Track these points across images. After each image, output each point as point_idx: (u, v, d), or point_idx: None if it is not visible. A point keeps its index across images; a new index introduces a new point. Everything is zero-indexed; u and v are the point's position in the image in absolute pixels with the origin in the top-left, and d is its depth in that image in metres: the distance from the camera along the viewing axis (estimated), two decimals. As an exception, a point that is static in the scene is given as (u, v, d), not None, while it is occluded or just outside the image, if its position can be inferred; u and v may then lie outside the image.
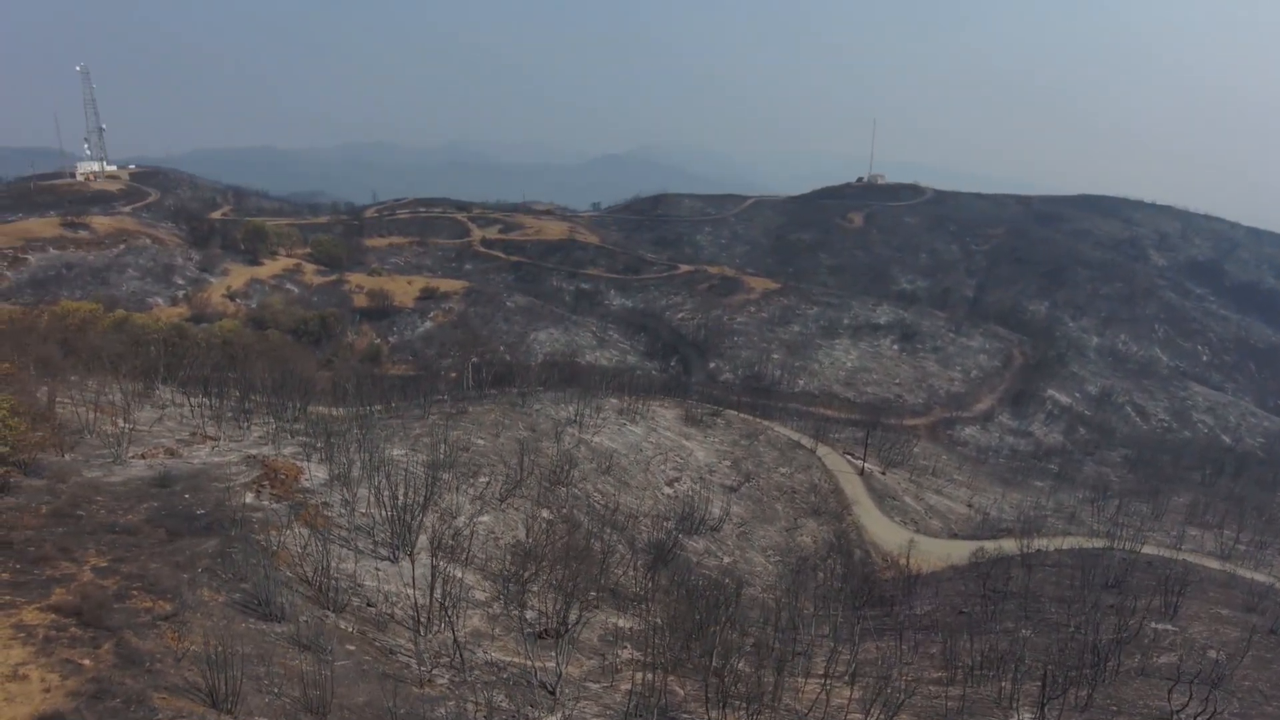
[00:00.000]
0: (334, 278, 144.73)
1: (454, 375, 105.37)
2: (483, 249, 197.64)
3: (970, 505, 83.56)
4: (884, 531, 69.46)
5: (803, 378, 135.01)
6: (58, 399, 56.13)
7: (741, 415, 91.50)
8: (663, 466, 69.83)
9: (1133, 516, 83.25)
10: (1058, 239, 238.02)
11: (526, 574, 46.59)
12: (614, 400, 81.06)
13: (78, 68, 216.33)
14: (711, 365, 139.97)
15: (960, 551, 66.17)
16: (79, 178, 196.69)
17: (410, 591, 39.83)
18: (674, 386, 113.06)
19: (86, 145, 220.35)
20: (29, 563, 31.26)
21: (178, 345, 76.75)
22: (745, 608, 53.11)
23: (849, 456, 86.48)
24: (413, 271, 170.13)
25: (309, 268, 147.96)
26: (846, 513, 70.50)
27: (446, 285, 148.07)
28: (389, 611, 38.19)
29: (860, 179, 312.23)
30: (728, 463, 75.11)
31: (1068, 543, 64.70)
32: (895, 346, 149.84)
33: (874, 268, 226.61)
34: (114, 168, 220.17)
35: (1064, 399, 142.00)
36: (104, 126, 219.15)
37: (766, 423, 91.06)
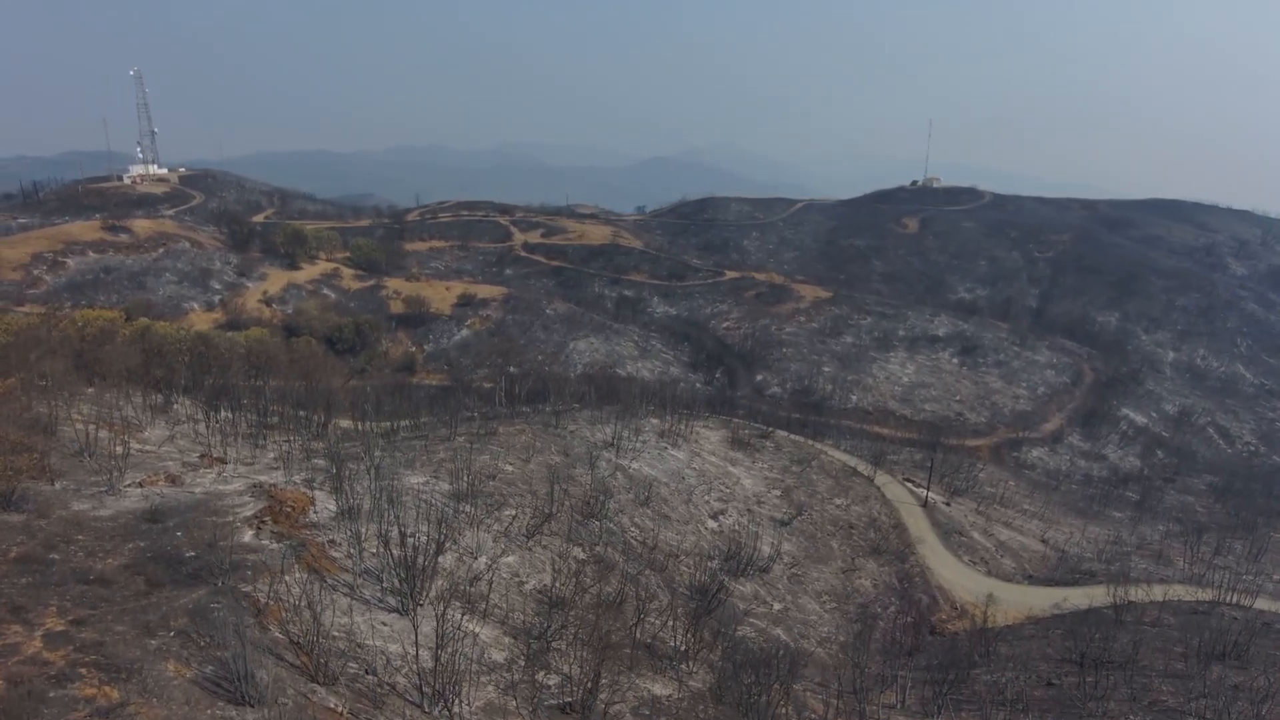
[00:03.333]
0: (372, 282, 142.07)
1: (488, 385, 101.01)
2: (524, 253, 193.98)
3: (1045, 541, 76.01)
4: (952, 573, 62.66)
5: (856, 393, 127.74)
6: (65, 416, 52.83)
7: (792, 437, 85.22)
8: (706, 497, 64.03)
9: (1228, 556, 74.96)
10: (1127, 246, 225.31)
11: (551, 627, 41.36)
12: (655, 421, 75.51)
13: (131, 72, 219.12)
14: (758, 378, 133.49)
15: (1039, 600, 59.13)
16: (127, 180, 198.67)
17: (417, 653, 34.71)
18: (719, 401, 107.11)
19: (139, 148, 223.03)
20: (-31, 628, 27.03)
21: (203, 355, 73.43)
22: (798, 663, 47.16)
23: (910, 484, 79.56)
24: (452, 276, 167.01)
25: (347, 272, 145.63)
26: (910, 552, 63.82)
27: (485, 291, 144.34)
28: (390, 681, 33.15)
29: (915, 182, 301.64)
30: (777, 492, 68.97)
31: (1164, 592, 57.08)
32: (955, 360, 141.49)
33: (930, 275, 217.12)
34: (164, 170, 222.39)
35: (1140, 419, 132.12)
36: (156, 130, 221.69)
37: (819, 446, 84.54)
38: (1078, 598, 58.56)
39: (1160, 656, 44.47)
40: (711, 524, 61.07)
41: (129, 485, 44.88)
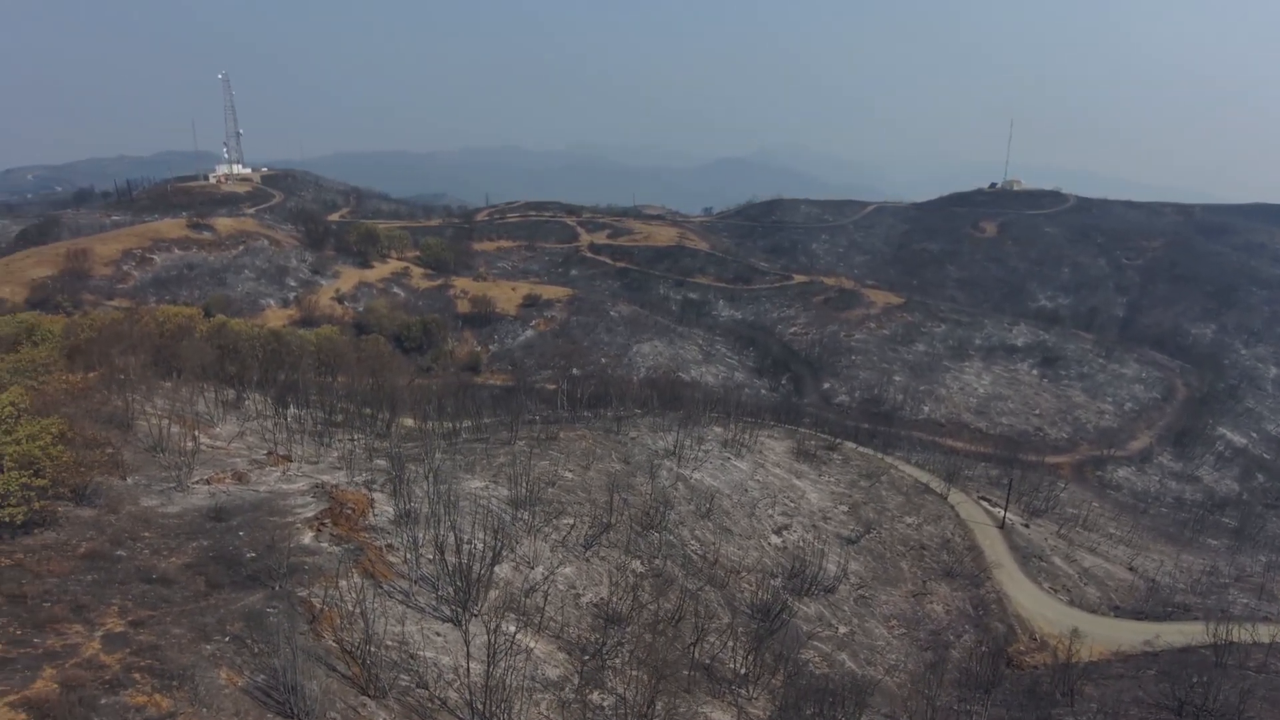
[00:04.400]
0: (440, 282, 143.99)
1: (550, 387, 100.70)
2: (590, 254, 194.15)
3: (1133, 569, 71.25)
4: (1031, 601, 59.07)
5: (928, 404, 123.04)
6: (141, 411, 54.25)
7: (861, 449, 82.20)
8: (770, 510, 61.94)
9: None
10: (1226, 253, 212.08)
11: (607, 645, 40.17)
12: (718, 429, 73.68)
13: (220, 75, 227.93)
14: (826, 386, 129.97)
15: (1128, 635, 55.17)
16: (212, 180, 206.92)
17: (468, 667, 33.88)
18: (784, 409, 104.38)
19: (225, 149, 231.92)
20: (34, 626, 27.25)
21: (275, 352, 74.88)
22: (865, 693, 44.80)
23: (985, 503, 75.72)
24: (519, 276, 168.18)
25: (417, 271, 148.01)
26: (985, 576, 60.43)
27: (550, 292, 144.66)
28: (441, 696, 32.43)
29: (994, 184, 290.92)
30: (844, 508, 66.33)
31: (1272, 634, 52.41)
32: (1035, 371, 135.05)
33: (1009, 282, 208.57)
34: (248, 170, 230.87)
35: (1238, 439, 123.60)
36: (241, 131, 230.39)
37: (889, 459, 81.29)
38: (1171, 635, 54.43)
39: (1271, 711, 40.61)
40: (775, 539, 58.98)
41: (197, 482, 45.58)
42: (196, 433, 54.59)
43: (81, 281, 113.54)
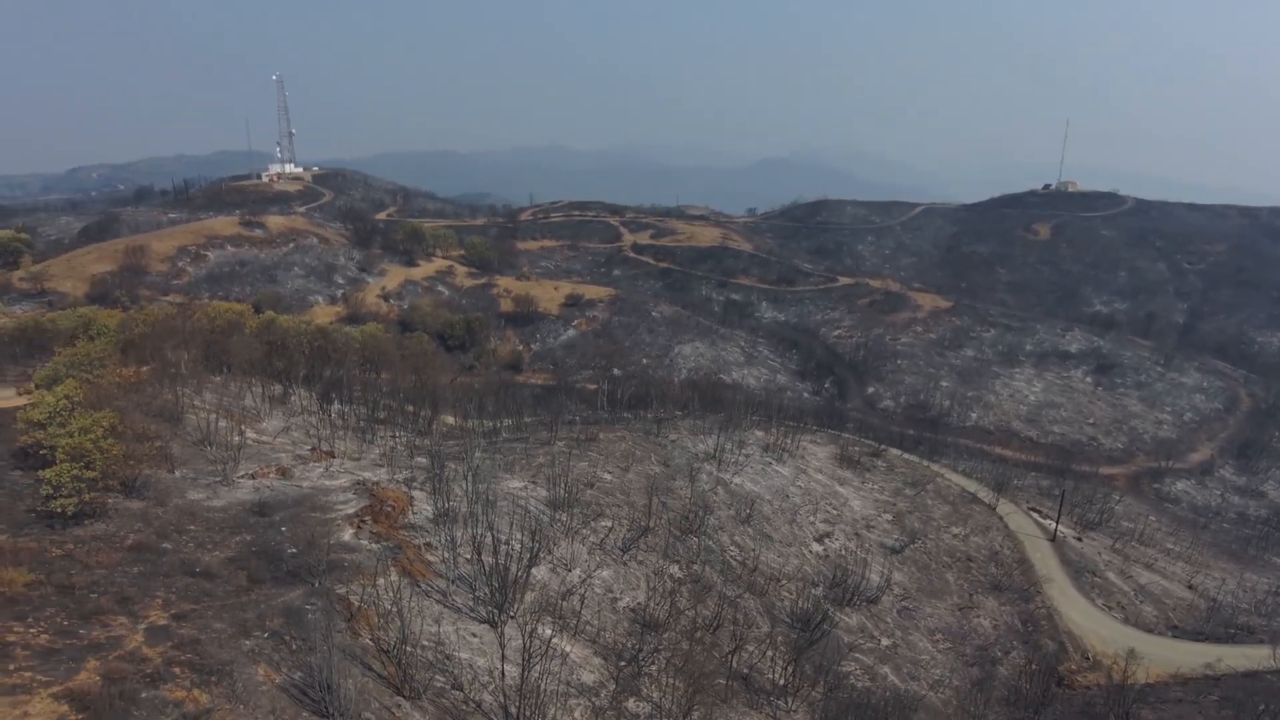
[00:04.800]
0: (483, 281, 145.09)
1: (591, 387, 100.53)
2: (632, 254, 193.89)
3: (1192, 587, 68.32)
4: (1084, 618, 56.92)
5: (976, 410, 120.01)
6: (191, 405, 55.35)
7: (906, 456, 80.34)
8: (812, 517, 60.77)
9: None
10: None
11: (644, 651, 39.63)
12: (759, 433, 72.64)
13: (274, 77, 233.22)
14: (870, 390, 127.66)
15: (1187, 657, 52.80)
16: (265, 179, 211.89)
17: (503, 670, 33.62)
18: (827, 413, 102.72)
19: (278, 148, 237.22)
20: (79, 617, 27.72)
21: (321, 348, 75.91)
22: (908, 708, 43.54)
23: (1036, 514, 73.37)
24: (561, 276, 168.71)
25: (461, 270, 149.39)
26: (1036, 591, 58.43)
27: (592, 292, 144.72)
28: (476, 698, 32.24)
29: (1047, 186, 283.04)
30: (889, 516, 64.81)
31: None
32: (1089, 379, 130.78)
33: (1062, 286, 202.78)
34: (299, 169, 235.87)
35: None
36: (294, 131, 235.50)
37: (935, 467, 79.29)
38: (1234, 658, 51.87)
39: (1343, 742, 38.38)
40: (816, 547, 57.84)
41: (242, 476, 46.25)
42: (243, 427, 55.51)
43: (139, 277, 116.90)
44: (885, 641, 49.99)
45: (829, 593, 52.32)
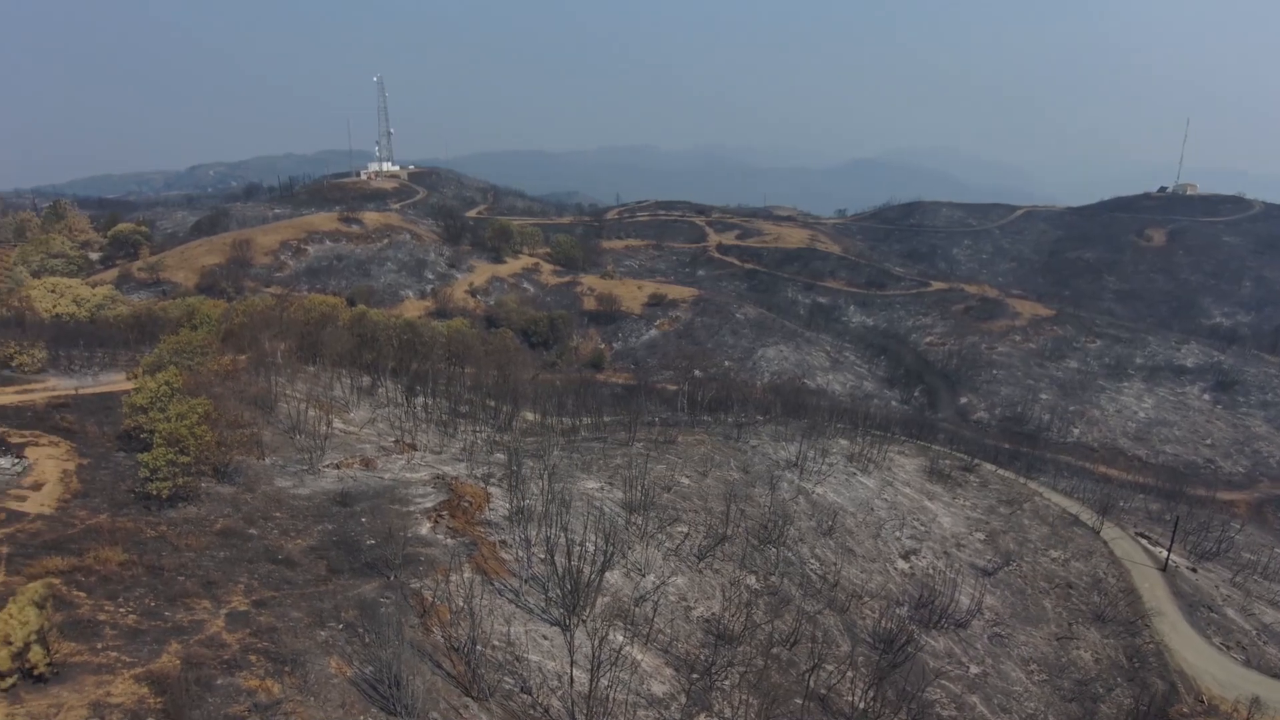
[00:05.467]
0: (568, 279, 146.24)
1: (671, 388, 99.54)
2: (717, 254, 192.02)
3: (1325, 630, 62.03)
4: (1198, 658, 52.31)
5: (1078, 425, 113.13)
6: (284, 393, 57.21)
7: (1000, 472, 76.11)
8: (898, 533, 58.06)
9: None
10: None
11: (717, 664, 38.33)
12: (844, 442, 70.09)
13: (375, 78, 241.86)
14: (963, 400, 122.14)
15: (1321, 708, 47.67)
16: (363, 176, 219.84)
17: (572, 676, 32.98)
18: (916, 423, 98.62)
19: (377, 147, 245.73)
20: (166, 600, 28.49)
21: (409, 342, 77.52)
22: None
23: (1144, 541, 68.19)
24: (646, 275, 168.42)
25: (547, 267, 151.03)
26: (1144, 624, 54.09)
27: (676, 292, 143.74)
28: (544, 703, 31.66)
29: (1163, 189, 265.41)
30: (981, 535, 61.35)
31: None
32: (1206, 396, 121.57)
33: (1177, 296, 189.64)
34: (396, 168, 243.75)
35: None
36: (392, 130, 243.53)
37: (1032, 485, 74.80)
38: (1377, 714, 46.67)
39: None
40: (902, 564, 55.16)
41: (328, 466, 47.30)
42: (331, 417, 56.97)
43: (244, 269, 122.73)
44: (975, 669, 47.11)
45: (914, 613, 49.72)
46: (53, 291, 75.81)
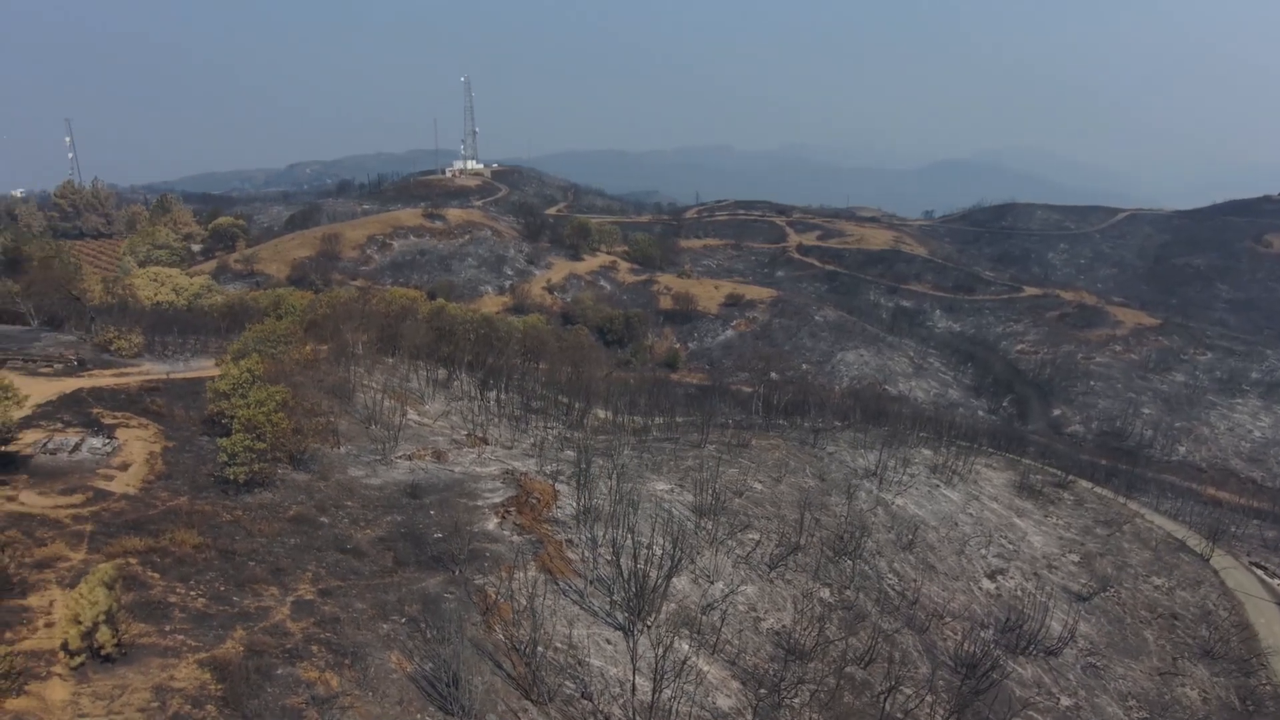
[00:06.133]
0: (645, 277, 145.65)
1: (747, 390, 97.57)
2: (797, 255, 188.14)
3: None
4: (1324, 705, 47.46)
5: (1185, 443, 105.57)
6: (362, 384, 58.21)
7: (1098, 490, 71.42)
8: (983, 550, 54.88)
9: None
10: None
11: (787, 679, 36.63)
12: (926, 452, 66.94)
13: (462, 79, 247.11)
14: (1056, 413, 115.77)
15: None
16: (448, 174, 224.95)
17: (634, 684, 31.91)
18: (1004, 435, 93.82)
19: (462, 146, 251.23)
20: (235, 585, 28.76)
21: (485, 336, 78.15)
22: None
23: (1260, 571, 62.71)
24: (723, 275, 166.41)
25: (624, 265, 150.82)
26: (1260, 664, 49.49)
27: (753, 292, 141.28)
28: (605, 710, 30.70)
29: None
30: (1075, 557, 57.45)
31: None
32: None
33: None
34: (480, 166, 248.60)
35: None
36: (477, 130, 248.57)
37: (1133, 506, 69.88)
38: None
39: None
40: (987, 584, 52.04)
41: (400, 457, 47.66)
42: (407, 408, 57.62)
43: (332, 262, 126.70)
44: (1066, 701, 43.89)
45: (1000, 637, 46.75)
46: (154, 280, 79.44)
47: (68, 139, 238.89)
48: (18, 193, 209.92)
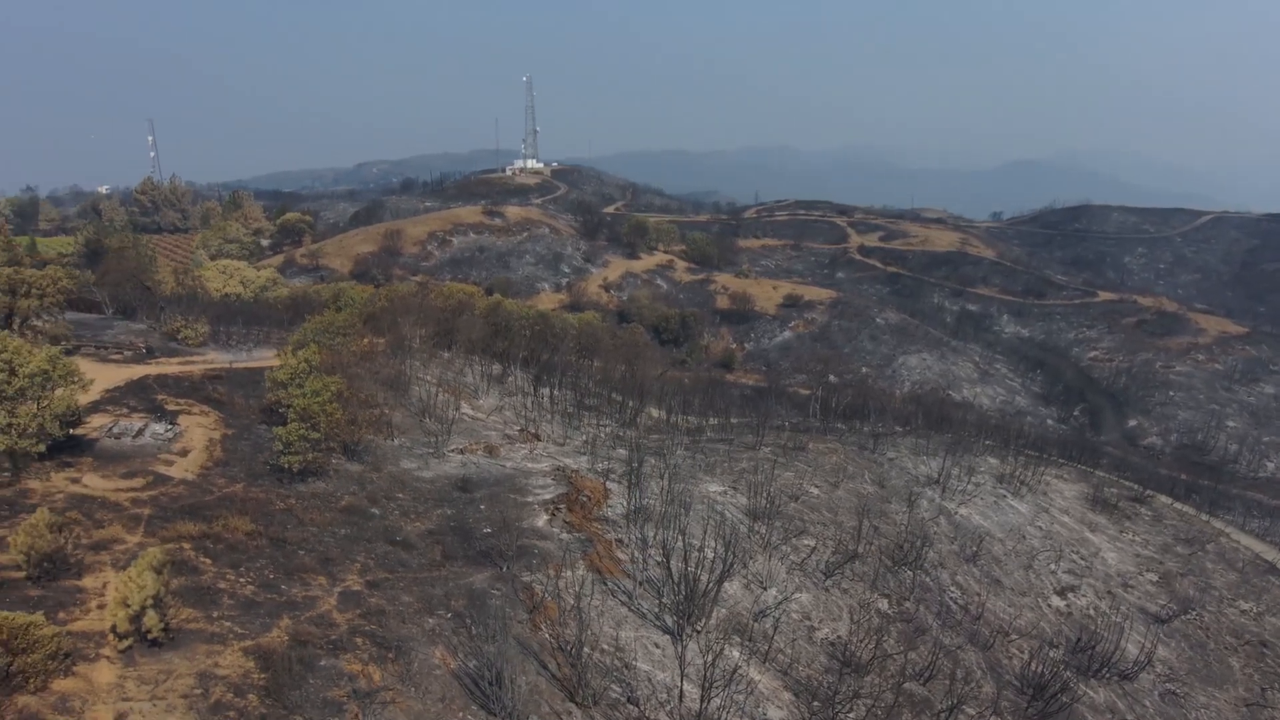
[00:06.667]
0: (702, 276, 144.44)
1: (804, 392, 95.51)
2: (859, 256, 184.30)
3: None
4: None
5: (1274, 459, 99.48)
6: (417, 377, 58.57)
7: (1178, 505, 67.49)
8: (1053, 565, 52.20)
9: None
10: None
11: (841, 692, 35.16)
12: (992, 460, 64.20)
13: (524, 78, 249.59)
14: (1132, 424, 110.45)
15: None
16: (508, 172, 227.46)
17: (681, 691, 30.93)
18: (1075, 446, 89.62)
19: (523, 145, 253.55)
20: (284, 573, 28.78)
21: (540, 332, 78.12)
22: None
23: (1360, 599, 58.18)
24: (782, 275, 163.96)
25: (680, 264, 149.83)
26: (1360, 700, 45.79)
27: (812, 293, 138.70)
28: (652, 717, 29.79)
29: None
30: (1153, 576, 54.23)
31: None
32: None
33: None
34: (540, 165, 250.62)
35: None
36: (538, 129, 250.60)
37: (1217, 524, 65.80)
38: None
39: None
40: (1057, 601, 49.43)
41: (452, 450, 47.61)
42: (461, 402, 57.75)
43: (394, 258, 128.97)
44: (1142, 730, 41.26)
45: (1071, 658, 44.29)
46: (223, 273, 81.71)
47: (150, 138, 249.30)
48: (103, 189, 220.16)
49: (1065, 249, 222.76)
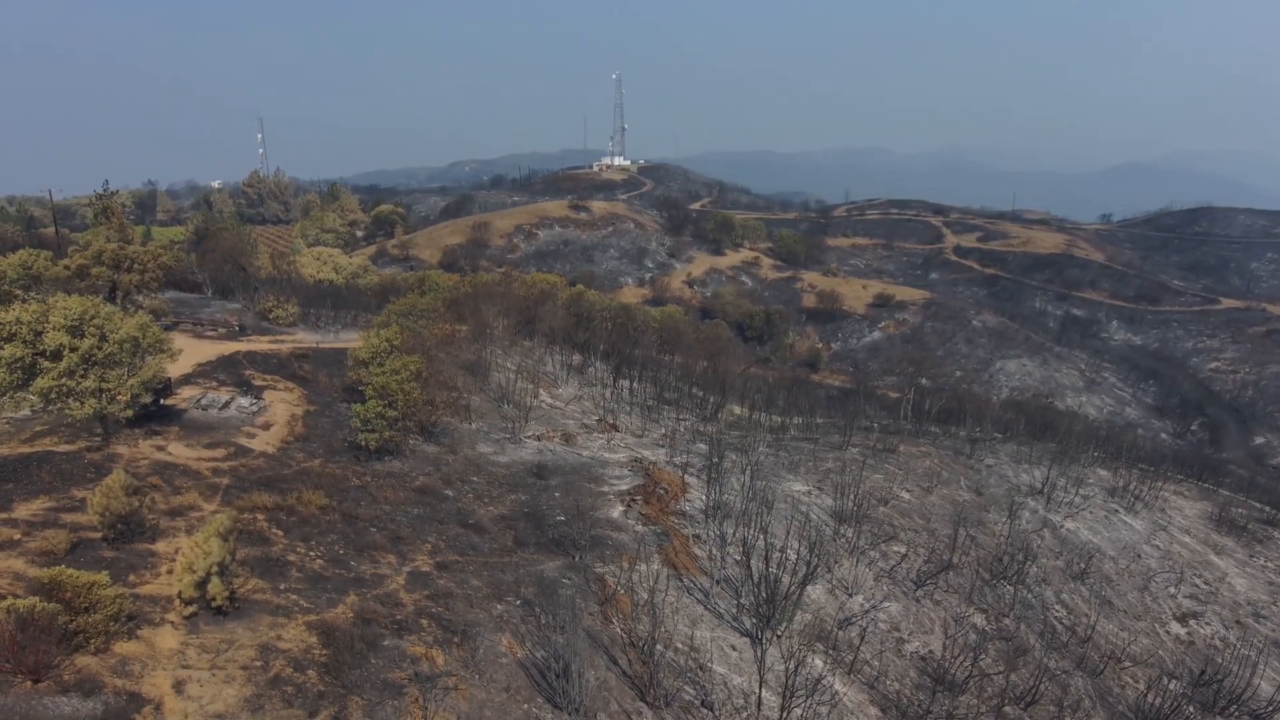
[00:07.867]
0: (788, 274, 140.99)
1: (893, 395, 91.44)
2: (954, 257, 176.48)
3: None
4: None
5: None
6: (498, 364, 58.34)
7: (1317, 531, 60.82)
8: (1172, 589, 47.57)
9: None
10: None
11: (933, 711, 32.45)
12: (1103, 473, 59.42)
13: (614, 76, 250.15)
14: (1258, 440, 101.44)
15: None
16: (595, 169, 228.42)
17: (759, 698, 28.95)
18: (1193, 462, 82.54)
19: (611, 142, 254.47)
20: (354, 549, 28.27)
21: (622, 324, 77.10)
22: None
23: None
24: (871, 275, 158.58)
25: (766, 262, 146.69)
26: None
27: (904, 294, 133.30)
28: (726, 723, 27.97)
29: None
30: (1291, 608, 48.75)
31: None
32: None
33: None
34: (627, 162, 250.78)
35: None
36: (626, 127, 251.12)
37: (1366, 553, 58.97)
38: None
39: None
40: (1177, 628, 44.93)
41: (529, 437, 46.87)
42: (539, 390, 57.15)
43: (481, 249, 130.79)
44: (1278, 779, 36.79)
45: (1193, 691, 40.03)
46: (318, 259, 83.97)
47: (259, 135, 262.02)
48: (215, 183, 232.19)
49: (1183, 253, 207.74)
